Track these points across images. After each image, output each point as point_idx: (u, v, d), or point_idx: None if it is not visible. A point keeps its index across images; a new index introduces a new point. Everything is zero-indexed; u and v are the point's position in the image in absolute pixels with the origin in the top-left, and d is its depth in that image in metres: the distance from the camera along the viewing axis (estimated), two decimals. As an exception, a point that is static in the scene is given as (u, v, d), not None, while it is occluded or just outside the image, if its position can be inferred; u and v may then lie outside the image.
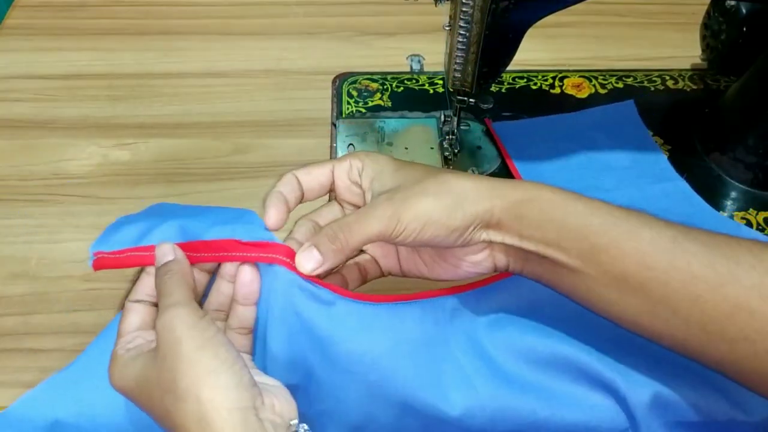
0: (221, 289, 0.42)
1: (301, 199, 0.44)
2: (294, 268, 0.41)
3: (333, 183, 0.44)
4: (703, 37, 0.70)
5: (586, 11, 0.63)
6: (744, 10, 0.64)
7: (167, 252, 0.41)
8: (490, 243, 0.41)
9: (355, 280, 0.45)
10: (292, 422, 0.37)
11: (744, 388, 0.39)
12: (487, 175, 0.63)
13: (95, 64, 0.74)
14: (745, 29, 0.65)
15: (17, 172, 0.64)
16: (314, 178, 0.44)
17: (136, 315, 0.41)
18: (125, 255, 0.42)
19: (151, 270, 0.41)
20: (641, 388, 0.43)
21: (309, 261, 0.40)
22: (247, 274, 0.41)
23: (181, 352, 0.36)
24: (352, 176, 0.44)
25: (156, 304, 0.41)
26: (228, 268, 0.42)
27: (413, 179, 0.41)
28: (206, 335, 0.37)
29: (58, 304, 0.55)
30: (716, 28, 0.67)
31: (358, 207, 0.44)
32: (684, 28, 0.77)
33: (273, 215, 0.42)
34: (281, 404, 0.38)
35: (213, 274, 0.43)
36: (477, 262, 0.42)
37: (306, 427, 0.37)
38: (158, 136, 0.67)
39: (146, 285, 0.41)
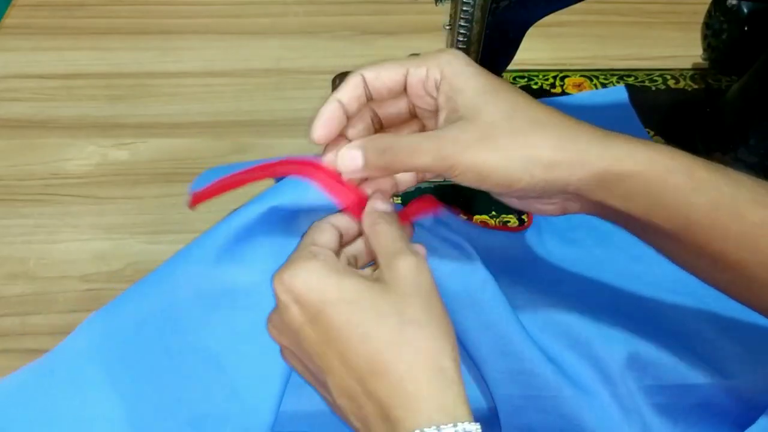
0: None
1: (367, 102, 0.39)
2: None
3: (405, 88, 0.39)
4: (705, 37, 0.70)
5: (587, 10, 0.63)
6: (745, 10, 0.64)
7: (386, 201, 0.38)
8: (563, 200, 0.37)
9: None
10: None
11: (724, 353, 0.40)
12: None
13: (94, 63, 0.74)
14: (746, 28, 0.64)
15: (16, 172, 0.64)
16: (383, 83, 0.38)
17: (331, 236, 0.37)
18: (221, 182, 0.41)
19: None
20: (616, 346, 0.44)
21: (350, 162, 0.37)
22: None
23: (435, 302, 0.34)
24: (428, 88, 0.38)
25: (341, 243, 0.38)
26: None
27: (490, 117, 0.35)
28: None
29: (57, 304, 0.55)
30: (717, 28, 0.67)
31: (429, 113, 0.39)
32: (685, 27, 0.77)
33: (318, 130, 0.38)
34: None
35: None
36: (541, 209, 0.38)
37: None
38: (157, 136, 0.67)
39: (343, 220, 0.39)
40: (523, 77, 0.72)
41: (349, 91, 0.39)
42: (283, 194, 0.40)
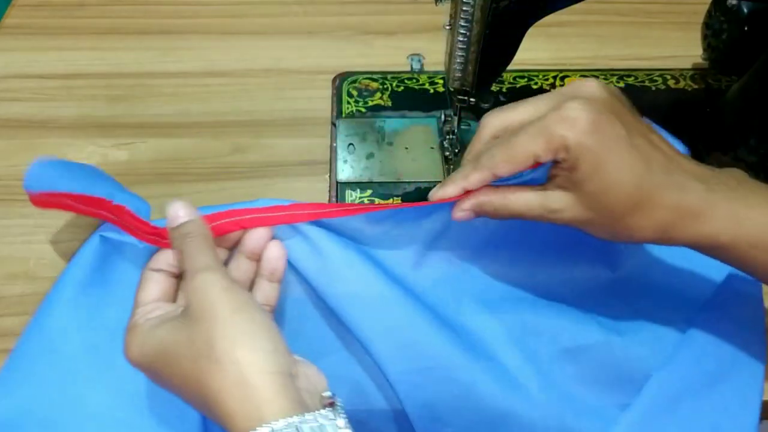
0: (240, 266, 0.42)
1: None
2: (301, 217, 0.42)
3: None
4: (705, 37, 0.70)
5: (587, 10, 0.63)
6: (745, 10, 0.64)
7: (181, 211, 0.40)
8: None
9: None
10: (325, 393, 0.36)
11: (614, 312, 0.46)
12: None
13: (94, 63, 0.74)
14: (746, 28, 0.64)
15: (16, 172, 0.64)
16: (515, 167, 0.40)
17: (157, 285, 0.39)
18: (69, 199, 0.44)
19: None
20: (509, 315, 0.47)
21: (463, 217, 0.42)
22: (275, 250, 0.41)
23: (216, 315, 0.35)
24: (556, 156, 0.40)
25: (177, 276, 0.40)
26: (248, 244, 0.41)
27: (593, 202, 0.39)
28: (241, 298, 0.36)
29: (57, 304, 0.55)
30: (717, 28, 0.67)
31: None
32: (685, 27, 0.77)
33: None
34: (313, 375, 0.37)
35: (231, 250, 0.43)
36: None
37: (340, 400, 0.36)
38: (157, 136, 0.67)
39: (168, 255, 0.40)
40: (523, 77, 0.72)
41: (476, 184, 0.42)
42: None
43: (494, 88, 0.70)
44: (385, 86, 0.71)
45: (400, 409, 0.45)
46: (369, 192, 0.61)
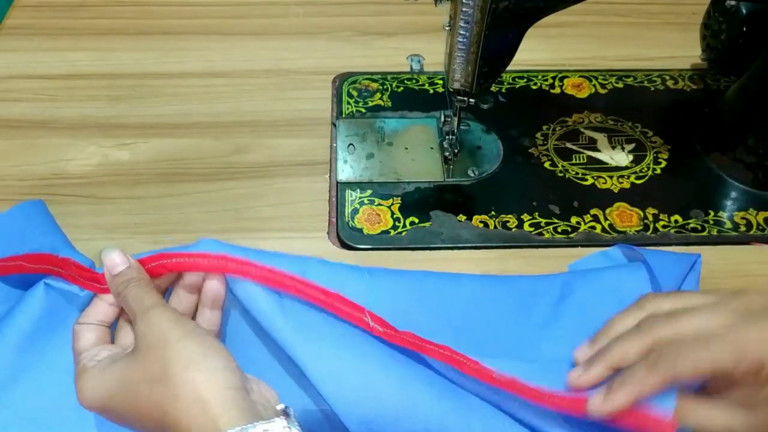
0: (181, 300, 0.44)
1: None
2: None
3: None
4: (703, 37, 0.70)
5: (587, 11, 0.63)
6: (744, 10, 0.64)
7: (118, 259, 0.42)
8: None
9: None
10: (279, 406, 0.38)
11: None
12: (486, 175, 0.63)
13: (95, 64, 0.74)
14: (745, 29, 0.65)
15: (17, 172, 0.64)
16: (696, 376, 0.39)
17: (91, 333, 0.42)
18: (20, 260, 0.46)
19: (105, 297, 0.43)
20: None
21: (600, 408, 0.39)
22: (215, 279, 0.43)
23: (167, 343, 0.37)
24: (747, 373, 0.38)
25: (107, 326, 0.43)
26: (188, 278, 0.44)
27: None
28: (189, 327, 0.38)
29: (58, 304, 0.55)
30: (716, 28, 0.68)
31: None
32: (684, 27, 0.77)
33: None
34: (266, 390, 0.39)
35: (167, 290, 0.45)
36: None
37: (293, 411, 0.38)
38: (158, 136, 0.67)
39: (98, 310, 0.43)
40: (522, 77, 0.72)
41: None
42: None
43: (494, 88, 0.71)
44: (385, 87, 0.71)
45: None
46: (369, 192, 0.61)
